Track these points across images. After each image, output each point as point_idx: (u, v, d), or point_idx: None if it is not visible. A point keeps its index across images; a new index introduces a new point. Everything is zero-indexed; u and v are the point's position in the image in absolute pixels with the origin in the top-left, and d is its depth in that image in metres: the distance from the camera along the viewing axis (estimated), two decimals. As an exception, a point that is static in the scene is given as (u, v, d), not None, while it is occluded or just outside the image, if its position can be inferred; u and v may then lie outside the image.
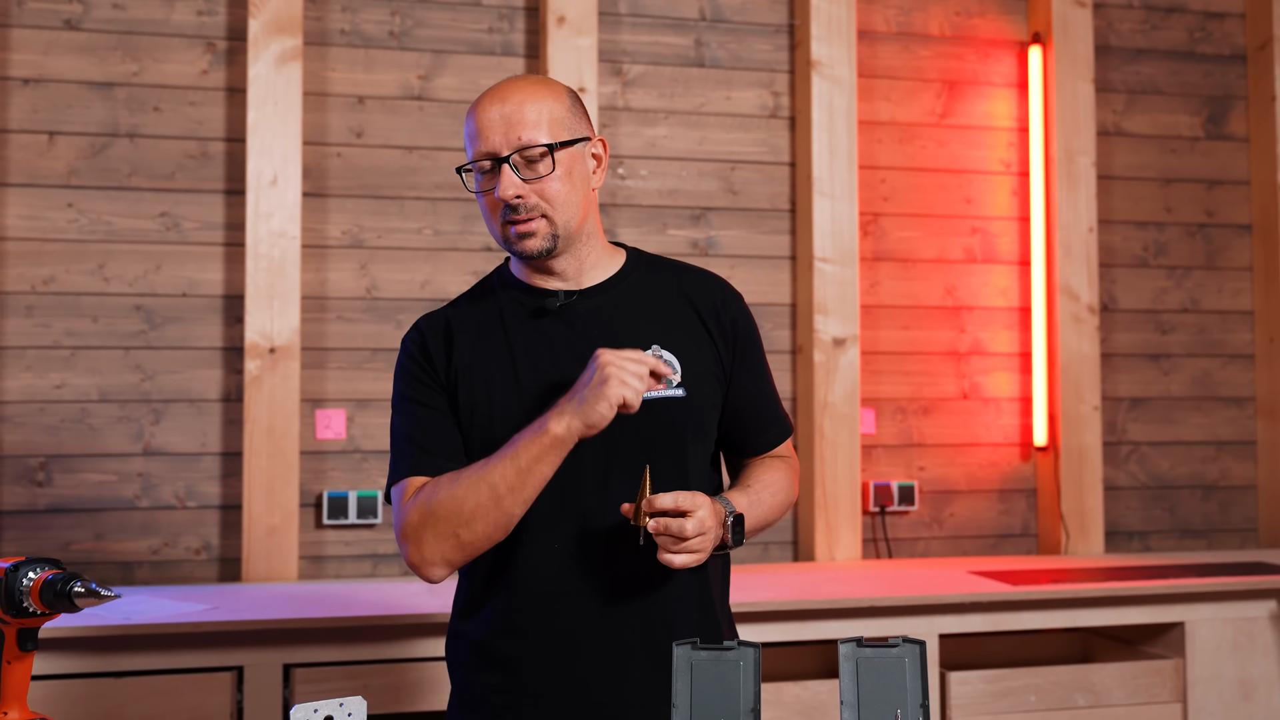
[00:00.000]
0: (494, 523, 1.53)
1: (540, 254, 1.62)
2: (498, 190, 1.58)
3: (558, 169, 1.59)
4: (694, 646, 1.32)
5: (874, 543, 3.45)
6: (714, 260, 3.39)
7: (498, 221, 1.62)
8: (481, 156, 1.59)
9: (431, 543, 1.55)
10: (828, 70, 3.39)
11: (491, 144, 1.58)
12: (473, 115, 1.61)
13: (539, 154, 1.58)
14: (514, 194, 1.57)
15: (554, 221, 1.60)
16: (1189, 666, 2.84)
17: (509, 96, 1.60)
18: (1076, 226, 3.54)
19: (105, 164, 3.06)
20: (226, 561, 3.06)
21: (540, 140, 1.58)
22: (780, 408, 1.79)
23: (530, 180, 1.58)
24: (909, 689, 1.30)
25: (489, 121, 1.59)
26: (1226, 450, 3.75)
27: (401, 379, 1.67)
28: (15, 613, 1.39)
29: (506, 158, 1.57)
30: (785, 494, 1.74)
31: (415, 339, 1.69)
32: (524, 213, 1.59)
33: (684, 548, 1.50)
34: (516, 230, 1.60)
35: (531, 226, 1.59)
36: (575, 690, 1.60)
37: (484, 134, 1.59)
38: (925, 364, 3.54)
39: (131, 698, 2.33)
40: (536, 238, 1.60)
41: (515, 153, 1.57)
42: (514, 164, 1.57)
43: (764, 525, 1.70)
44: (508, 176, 1.57)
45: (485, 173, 1.60)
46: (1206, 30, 3.82)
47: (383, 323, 3.18)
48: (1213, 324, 3.76)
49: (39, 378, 2.99)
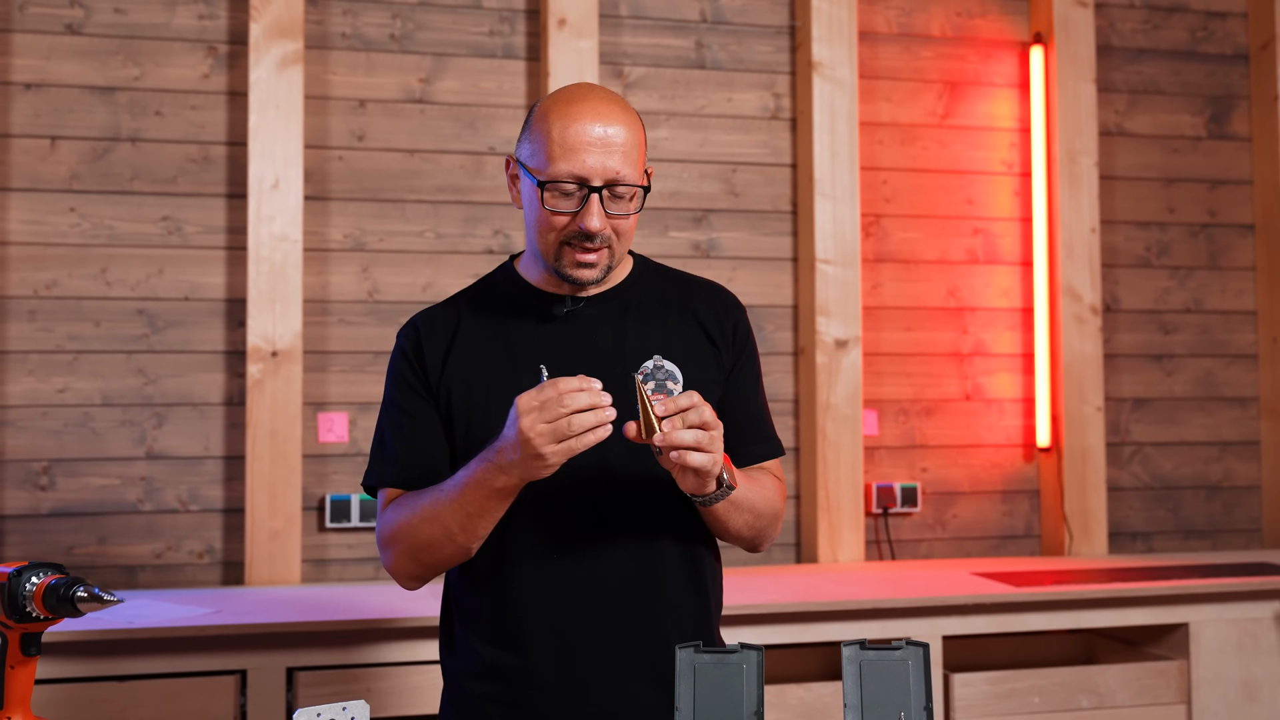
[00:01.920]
0: (451, 553, 1.57)
1: (592, 283, 1.60)
2: (583, 221, 1.53)
3: (639, 209, 1.58)
4: (697, 650, 1.31)
5: (877, 544, 3.45)
6: (715, 262, 3.38)
7: (554, 240, 1.57)
8: (570, 178, 1.53)
9: (398, 561, 1.61)
10: (829, 71, 3.38)
11: (586, 168, 1.53)
12: (563, 127, 1.54)
13: (629, 193, 1.56)
14: (599, 227, 1.54)
15: (614, 253, 1.59)
16: (1193, 668, 2.84)
17: (609, 118, 1.55)
18: (1079, 227, 3.54)
19: (107, 168, 3.06)
20: (229, 565, 3.06)
21: (631, 177, 1.55)
22: (770, 427, 1.75)
23: (612, 216, 1.56)
24: (912, 691, 1.30)
25: (587, 141, 1.53)
26: (1230, 451, 3.75)
27: (392, 380, 1.68)
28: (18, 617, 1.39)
29: (600, 189, 1.53)
30: (774, 499, 1.67)
31: (410, 336, 1.68)
32: (597, 243, 1.56)
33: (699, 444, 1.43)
34: (581, 259, 1.57)
35: (595, 258, 1.57)
36: (571, 699, 1.59)
37: (578, 153, 1.52)
38: (927, 365, 3.54)
39: (135, 702, 2.33)
40: (596, 269, 1.58)
41: (607, 186, 1.54)
42: (604, 196, 1.54)
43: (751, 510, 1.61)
44: (597, 208, 1.53)
45: (564, 194, 1.54)
46: (1208, 30, 3.81)
47: (384, 325, 3.18)
48: (1216, 324, 3.76)
49: (42, 382, 2.99)
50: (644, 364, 1.62)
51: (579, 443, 1.41)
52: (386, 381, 1.70)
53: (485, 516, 1.52)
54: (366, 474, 1.68)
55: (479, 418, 1.61)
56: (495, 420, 1.59)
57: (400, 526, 1.58)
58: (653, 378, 1.62)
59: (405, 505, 1.59)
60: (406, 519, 1.58)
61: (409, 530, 1.57)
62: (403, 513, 1.59)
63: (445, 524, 1.53)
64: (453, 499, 1.52)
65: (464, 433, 1.62)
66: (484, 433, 1.60)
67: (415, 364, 1.66)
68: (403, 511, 1.59)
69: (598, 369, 1.60)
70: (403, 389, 1.66)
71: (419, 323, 1.69)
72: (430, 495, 1.56)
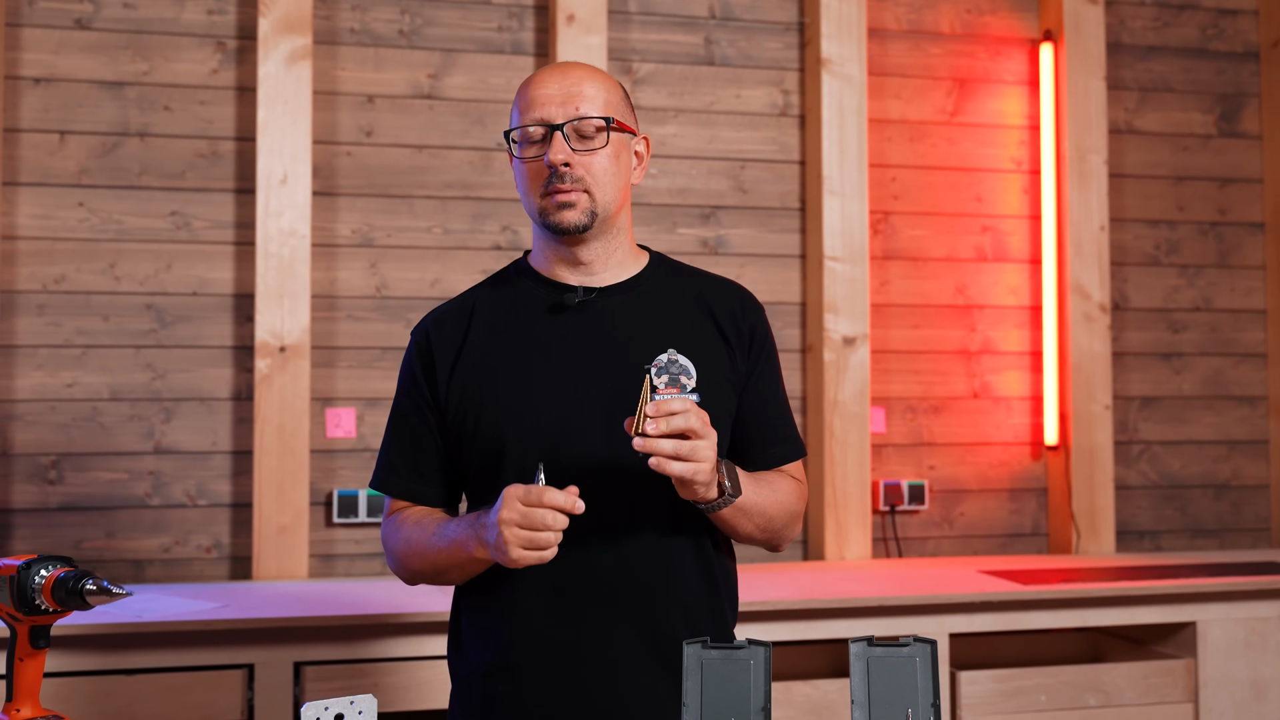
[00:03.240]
0: (447, 581, 1.66)
1: (576, 228, 1.59)
2: (547, 155, 1.57)
3: (609, 146, 1.60)
4: (704, 646, 1.31)
5: (884, 542, 3.44)
6: (724, 259, 3.38)
7: (537, 191, 1.60)
8: (533, 122, 1.58)
9: (398, 569, 1.70)
10: (838, 68, 3.38)
11: (546, 112, 1.58)
12: (527, 87, 1.62)
13: (594, 128, 1.58)
14: (563, 159, 1.56)
15: (595, 198, 1.59)
16: (1200, 667, 2.83)
17: (569, 72, 1.62)
18: (1088, 225, 3.53)
19: (116, 163, 3.06)
20: (237, 560, 3.07)
21: (595, 114, 1.59)
22: (792, 428, 1.73)
23: (580, 152, 1.58)
24: (920, 688, 1.30)
25: (546, 93, 1.59)
26: (1239, 449, 3.74)
27: (400, 385, 1.71)
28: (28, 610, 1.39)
29: (560, 125, 1.57)
30: (789, 500, 1.66)
31: (420, 341, 1.68)
32: (569, 182, 1.57)
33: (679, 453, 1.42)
34: (557, 200, 1.58)
35: (573, 198, 1.58)
36: (580, 698, 1.59)
37: (539, 103, 1.59)
38: (935, 363, 3.53)
39: (143, 695, 2.34)
40: (576, 210, 1.59)
41: (570, 122, 1.57)
42: (567, 133, 1.57)
43: (761, 515, 1.60)
44: (559, 142, 1.57)
45: (533, 142, 1.59)
46: (1219, 27, 3.80)
47: (392, 321, 3.18)
48: (1225, 323, 3.75)
49: (50, 376, 3.00)
50: (658, 356, 1.60)
51: (548, 556, 1.44)
52: (398, 382, 1.72)
53: (468, 569, 1.59)
54: (374, 473, 1.73)
55: (489, 414, 1.61)
56: (504, 415, 1.60)
57: (397, 549, 1.67)
58: (666, 371, 1.60)
59: (403, 531, 1.65)
60: (402, 547, 1.65)
61: (404, 556, 1.66)
62: (400, 536, 1.66)
63: (434, 564, 1.61)
64: (441, 548, 1.58)
65: (474, 427, 1.62)
66: (493, 428, 1.60)
67: (423, 371, 1.66)
68: (401, 535, 1.66)
69: (609, 361, 1.60)
70: (409, 398, 1.68)
71: (429, 325, 1.69)
72: (424, 533, 1.62)
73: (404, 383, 1.69)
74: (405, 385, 1.69)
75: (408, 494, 1.69)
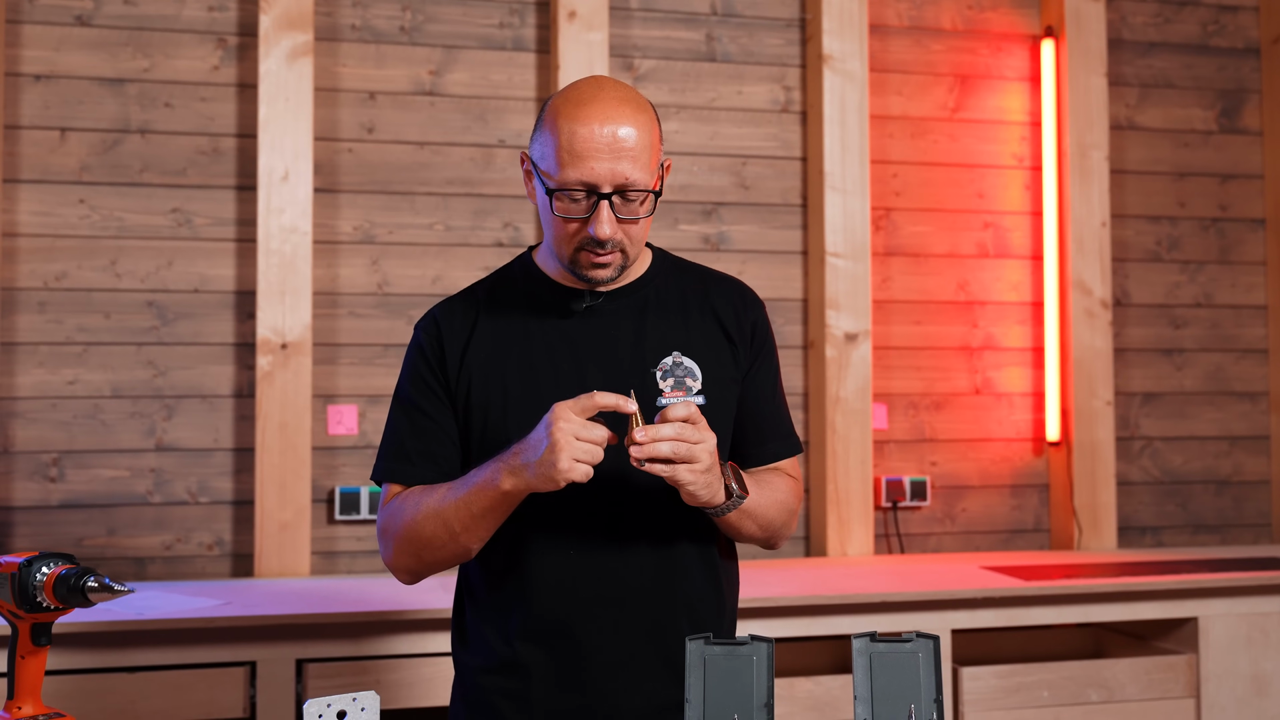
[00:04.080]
0: (452, 553, 1.58)
1: (606, 282, 1.59)
2: (592, 228, 1.51)
3: (651, 211, 1.57)
4: (707, 642, 1.31)
5: (886, 538, 3.44)
6: (725, 255, 3.38)
7: (570, 245, 1.55)
8: (579, 185, 1.50)
9: (397, 555, 1.62)
10: (839, 65, 3.37)
11: (595, 175, 1.49)
12: (571, 131, 1.50)
13: (640, 197, 1.53)
14: (609, 234, 1.52)
15: (628, 255, 1.58)
16: (1202, 662, 2.83)
17: (618, 119, 1.51)
18: (1089, 221, 3.53)
19: (117, 160, 3.06)
20: (239, 557, 3.07)
21: (641, 181, 1.52)
22: (789, 424, 1.73)
23: (624, 221, 1.54)
24: (923, 684, 1.30)
25: (595, 147, 1.49)
26: (1240, 445, 3.73)
27: (408, 375, 1.66)
28: (29, 608, 1.39)
29: (609, 195, 1.51)
30: (787, 499, 1.66)
31: (430, 330, 1.66)
32: (609, 248, 1.54)
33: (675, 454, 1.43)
34: (595, 261, 1.55)
35: (608, 259, 1.56)
36: (584, 695, 1.59)
37: (586, 160, 1.49)
38: (937, 359, 3.53)
39: (145, 693, 2.34)
40: (609, 269, 1.57)
41: (618, 192, 1.51)
42: (614, 202, 1.52)
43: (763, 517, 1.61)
44: (606, 215, 1.51)
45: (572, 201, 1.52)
46: (1220, 23, 3.79)
47: (394, 318, 3.18)
48: (1226, 319, 3.74)
49: (52, 373, 3.00)
50: (663, 360, 1.60)
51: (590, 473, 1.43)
52: (402, 374, 1.67)
53: (488, 518, 1.52)
54: (376, 467, 1.67)
55: (496, 415, 1.60)
56: (512, 417, 1.59)
57: (404, 521, 1.58)
58: (672, 374, 1.60)
59: (411, 500, 1.59)
60: (411, 514, 1.57)
61: (412, 526, 1.57)
62: (407, 507, 1.59)
63: (449, 522, 1.53)
64: (459, 497, 1.52)
65: (481, 428, 1.61)
66: (501, 430, 1.59)
67: (434, 360, 1.64)
68: (407, 506, 1.59)
69: (616, 365, 1.59)
70: (419, 386, 1.65)
71: (438, 315, 1.67)
72: (438, 492, 1.56)
73: (413, 373, 1.66)
74: (415, 376, 1.65)
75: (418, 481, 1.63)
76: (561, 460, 1.41)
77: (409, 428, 1.64)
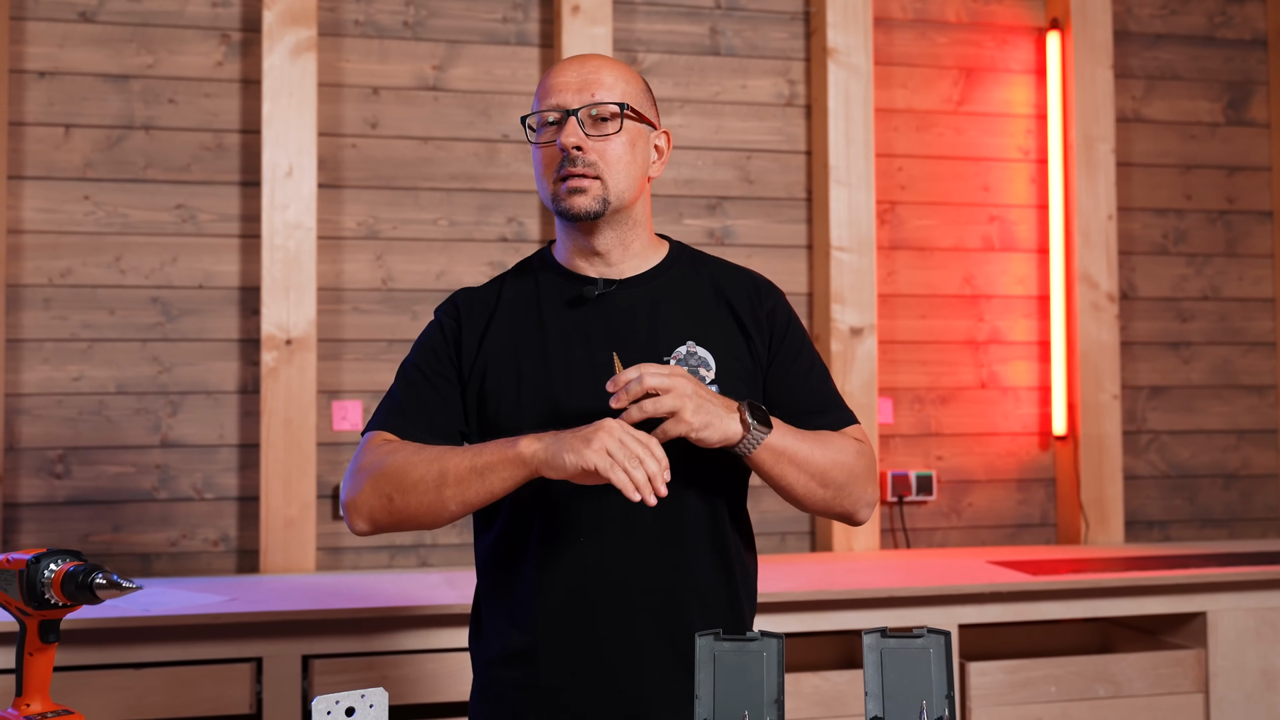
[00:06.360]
0: (428, 505, 1.51)
1: (587, 215, 1.58)
2: (560, 139, 1.56)
3: (623, 133, 1.59)
4: (716, 637, 1.31)
5: (892, 533, 3.44)
6: (730, 250, 3.37)
7: (550, 177, 1.60)
8: (550, 108, 1.59)
9: (367, 493, 1.54)
10: (844, 58, 3.36)
11: (563, 98, 1.58)
12: (547, 76, 1.62)
13: (609, 113, 1.58)
14: (574, 142, 1.56)
15: (607, 185, 1.58)
16: (1211, 657, 2.82)
17: (588, 61, 1.62)
18: (1095, 214, 3.51)
19: (121, 156, 3.06)
20: (244, 553, 3.07)
21: (612, 101, 1.59)
22: (837, 397, 1.69)
23: (594, 137, 1.57)
24: (934, 679, 1.29)
25: (565, 80, 1.60)
26: (1247, 439, 3.72)
27: (420, 348, 1.65)
28: (37, 604, 1.39)
29: (575, 111, 1.57)
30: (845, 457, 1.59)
31: (450, 313, 1.67)
32: (580, 166, 1.57)
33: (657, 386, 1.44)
34: (569, 185, 1.57)
35: (584, 184, 1.57)
36: (597, 688, 1.59)
37: (557, 90, 1.59)
38: (943, 353, 3.52)
39: (152, 689, 2.34)
40: (587, 196, 1.57)
41: (585, 107, 1.58)
42: (581, 118, 1.57)
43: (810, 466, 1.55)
44: (572, 126, 1.57)
45: (549, 125, 1.60)
46: (1227, 15, 3.78)
47: (399, 314, 3.18)
48: (1233, 312, 3.73)
49: (57, 370, 3.00)
50: (677, 349, 1.60)
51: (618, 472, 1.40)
52: (411, 350, 1.67)
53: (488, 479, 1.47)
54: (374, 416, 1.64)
55: (509, 404, 1.60)
56: (524, 405, 1.59)
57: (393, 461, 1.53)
58: (685, 363, 1.60)
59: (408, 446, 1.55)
60: (405, 456, 1.53)
61: (403, 464, 1.52)
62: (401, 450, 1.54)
63: (445, 469, 1.49)
64: (470, 450, 1.50)
65: (494, 415, 1.61)
66: (513, 417, 1.59)
67: (450, 340, 1.65)
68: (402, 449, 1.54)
69: (629, 354, 1.59)
70: (429, 358, 1.64)
71: (460, 301, 1.68)
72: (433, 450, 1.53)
73: (425, 345, 1.65)
74: (426, 347, 1.65)
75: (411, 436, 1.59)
76: (597, 440, 1.40)
77: (411, 393, 1.62)
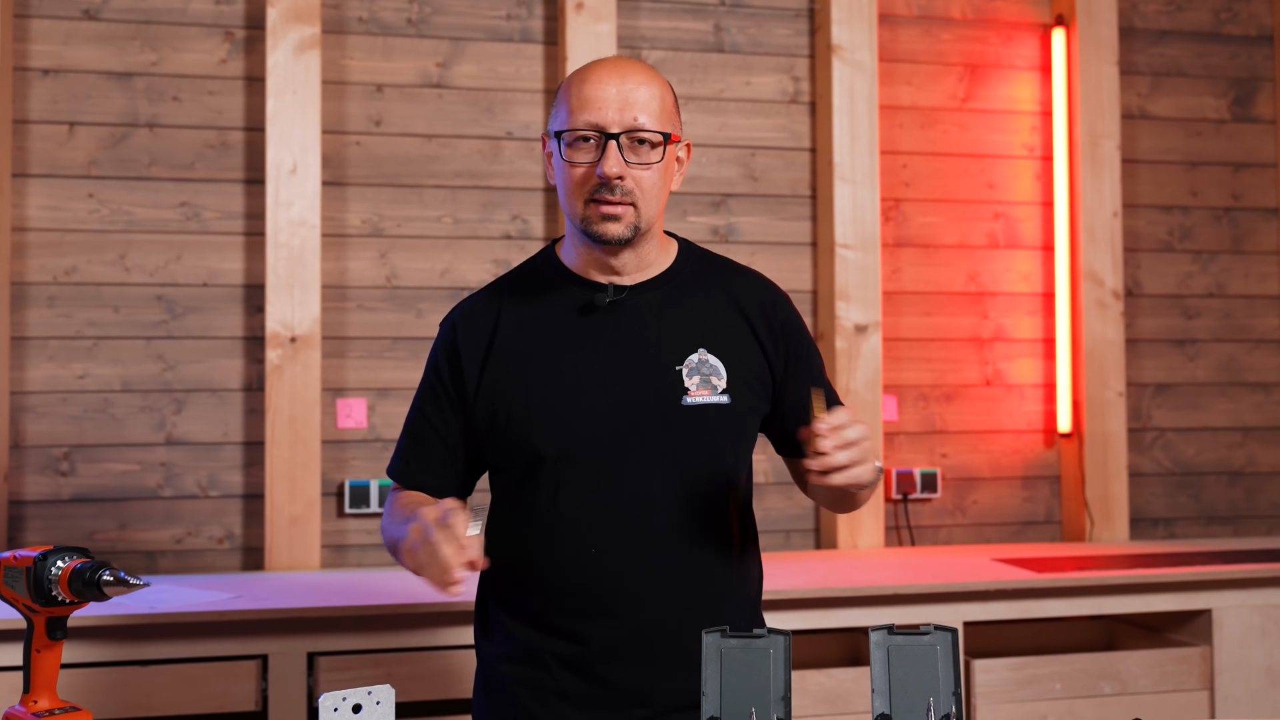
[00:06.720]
0: None
1: (619, 241, 1.56)
2: (601, 166, 1.52)
3: (662, 160, 1.56)
4: (723, 634, 1.31)
5: (896, 530, 3.44)
6: (734, 247, 3.37)
7: (581, 197, 1.56)
8: (586, 126, 1.53)
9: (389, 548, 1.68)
10: (848, 55, 3.36)
11: (604, 117, 1.53)
12: (582, 84, 1.55)
13: (651, 140, 1.55)
14: (617, 172, 1.52)
15: (640, 212, 1.56)
16: (1216, 654, 2.82)
17: (627, 75, 1.55)
18: (1100, 211, 3.51)
19: (125, 154, 3.06)
20: (249, 550, 3.07)
21: (652, 126, 1.54)
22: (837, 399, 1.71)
23: (633, 165, 1.54)
24: (941, 677, 1.29)
25: (604, 95, 1.53)
26: (1253, 436, 3.72)
27: (425, 378, 1.70)
28: (44, 601, 1.39)
29: (617, 135, 1.53)
30: None
31: (447, 336, 1.66)
32: (618, 195, 1.54)
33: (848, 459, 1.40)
34: (604, 211, 1.54)
35: (618, 211, 1.54)
36: (603, 684, 1.58)
37: (596, 105, 1.53)
38: (948, 350, 3.52)
39: (157, 686, 2.34)
40: (621, 224, 1.55)
41: (626, 133, 1.53)
42: (622, 143, 1.53)
43: None
44: (614, 154, 1.52)
45: (583, 141, 1.55)
46: (1232, 11, 3.77)
47: (403, 311, 3.18)
48: (1239, 309, 3.73)
49: (61, 368, 3.00)
50: (689, 357, 1.59)
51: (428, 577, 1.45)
52: (424, 371, 1.71)
53: (402, 560, 1.57)
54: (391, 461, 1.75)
55: (519, 415, 1.59)
56: (534, 416, 1.58)
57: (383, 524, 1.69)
58: (697, 371, 1.59)
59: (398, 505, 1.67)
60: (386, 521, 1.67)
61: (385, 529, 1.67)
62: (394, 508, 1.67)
63: (395, 541, 1.58)
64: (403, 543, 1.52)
65: (505, 427, 1.61)
66: (523, 429, 1.59)
67: (448, 366, 1.65)
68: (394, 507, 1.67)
69: (640, 361, 1.58)
70: (430, 392, 1.67)
71: (456, 319, 1.67)
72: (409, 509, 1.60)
73: (427, 375, 1.68)
74: (428, 378, 1.68)
75: (420, 486, 1.69)
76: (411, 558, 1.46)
77: (412, 432, 1.70)
